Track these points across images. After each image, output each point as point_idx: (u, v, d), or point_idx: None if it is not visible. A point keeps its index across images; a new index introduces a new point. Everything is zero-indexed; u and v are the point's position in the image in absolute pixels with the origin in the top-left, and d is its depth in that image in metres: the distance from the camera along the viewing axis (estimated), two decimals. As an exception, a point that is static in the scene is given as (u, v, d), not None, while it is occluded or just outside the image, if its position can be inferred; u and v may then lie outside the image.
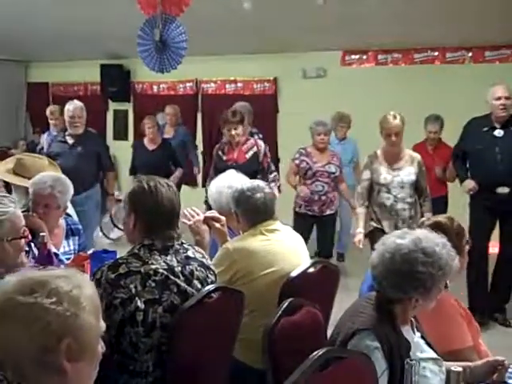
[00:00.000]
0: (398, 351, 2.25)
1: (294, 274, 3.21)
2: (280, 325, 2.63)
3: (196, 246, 3.00)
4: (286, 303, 2.72)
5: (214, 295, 2.77)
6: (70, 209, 4.37)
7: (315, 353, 2.07)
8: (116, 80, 10.68)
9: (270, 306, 3.05)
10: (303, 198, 6.27)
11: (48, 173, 4.05)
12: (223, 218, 3.53)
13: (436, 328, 2.60)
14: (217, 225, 3.49)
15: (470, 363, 2.52)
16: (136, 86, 10.88)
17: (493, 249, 5.61)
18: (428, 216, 4.30)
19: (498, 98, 5.26)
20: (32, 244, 3.55)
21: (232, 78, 9.89)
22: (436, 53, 8.32)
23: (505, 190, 5.28)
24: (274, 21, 7.88)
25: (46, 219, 3.73)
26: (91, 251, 3.76)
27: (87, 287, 1.54)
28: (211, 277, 2.85)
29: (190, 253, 2.80)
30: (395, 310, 2.36)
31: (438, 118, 6.80)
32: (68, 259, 3.78)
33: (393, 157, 5.17)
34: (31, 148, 9.30)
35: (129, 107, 10.99)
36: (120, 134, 11.07)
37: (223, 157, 6.00)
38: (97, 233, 6.38)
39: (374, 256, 2.40)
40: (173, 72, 6.19)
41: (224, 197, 3.76)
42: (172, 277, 2.64)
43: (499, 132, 5.34)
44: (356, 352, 2.21)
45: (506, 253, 5.50)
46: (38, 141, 8.76)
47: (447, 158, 6.31)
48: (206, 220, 3.47)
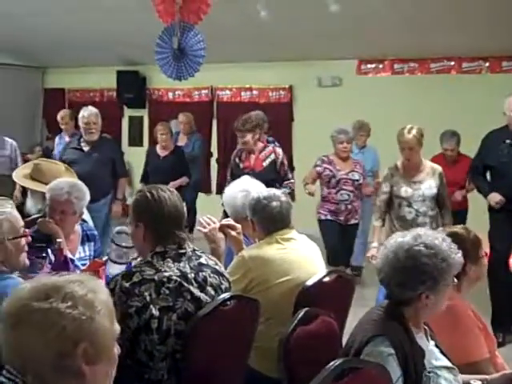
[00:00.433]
0: (413, 358, 2.25)
1: (310, 283, 3.21)
2: (296, 334, 2.63)
3: (209, 254, 3.01)
4: (302, 312, 2.71)
5: (230, 303, 2.77)
6: (86, 214, 4.39)
7: (332, 363, 2.06)
8: (132, 86, 10.74)
9: (285, 315, 3.06)
10: (326, 208, 6.21)
11: (65, 179, 4.07)
12: (239, 226, 3.53)
13: (452, 339, 2.59)
14: (233, 233, 3.49)
15: (487, 376, 2.50)
16: (152, 93, 10.92)
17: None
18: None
19: None
20: (49, 250, 3.57)
21: (247, 86, 9.91)
22: (452, 62, 8.29)
23: None
24: (290, 29, 7.89)
25: (63, 225, 3.75)
26: (106, 257, 3.77)
27: (101, 291, 1.55)
28: (225, 283, 2.85)
29: (203, 259, 2.81)
30: (406, 313, 2.36)
31: (455, 135, 6.54)
32: (83, 265, 3.80)
33: (412, 169, 5.09)
34: (47, 154, 9.36)
35: (144, 113, 11.04)
36: (135, 141, 11.12)
37: (240, 164, 6.01)
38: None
39: (379, 260, 2.43)
40: (188, 79, 6.19)
41: (239, 201, 3.76)
42: (185, 284, 2.64)
43: None
44: (372, 362, 2.20)
45: None
46: (53, 146, 8.84)
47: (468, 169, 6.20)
48: (222, 228, 3.46)
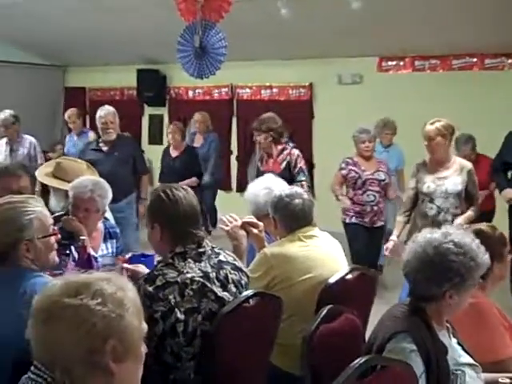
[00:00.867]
0: (435, 355, 2.24)
1: (332, 281, 3.20)
2: (319, 332, 2.62)
3: (231, 251, 3.01)
4: (325, 310, 2.71)
5: (252, 301, 2.78)
6: (108, 212, 4.42)
7: (356, 361, 2.06)
8: (152, 85, 10.77)
9: (308, 312, 3.06)
10: (351, 210, 6.13)
11: (88, 177, 4.09)
12: (261, 224, 3.53)
13: (477, 337, 2.57)
14: (254, 230, 3.49)
15: None
16: (172, 91, 10.95)
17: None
18: None
19: None
20: (72, 247, 3.59)
21: (267, 84, 9.89)
22: (475, 59, 8.19)
23: None
24: (311, 26, 7.87)
25: (86, 222, 3.77)
26: (130, 255, 3.78)
27: (130, 290, 1.56)
28: (244, 278, 2.86)
29: (222, 257, 2.81)
30: (429, 310, 2.35)
31: (470, 139, 6.48)
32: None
33: (437, 165, 4.99)
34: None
35: (164, 112, 11.06)
36: (155, 139, 11.16)
37: (261, 167, 6.08)
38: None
39: (406, 253, 2.42)
40: (208, 78, 6.21)
41: (261, 199, 3.75)
42: (208, 284, 2.64)
43: None
44: (396, 360, 2.19)
45: None
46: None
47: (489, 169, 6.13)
48: (244, 225, 3.47)
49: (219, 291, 2.67)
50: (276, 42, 8.64)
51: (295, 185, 5.71)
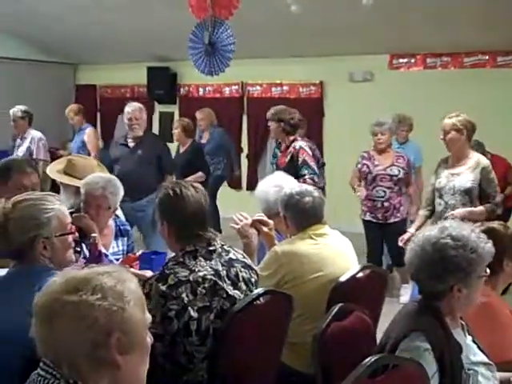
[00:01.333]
0: (449, 354, 2.22)
1: (343, 279, 3.20)
2: (330, 330, 2.61)
3: (241, 249, 3.01)
4: (336, 308, 2.70)
5: (263, 299, 2.77)
6: (118, 210, 4.42)
7: (367, 359, 2.05)
8: (162, 82, 10.78)
9: (318, 311, 3.05)
10: (365, 205, 6.10)
11: (100, 174, 4.08)
12: (271, 222, 3.52)
13: (489, 337, 2.55)
14: (265, 229, 3.48)
15: None
16: (182, 89, 10.96)
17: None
18: None
19: None
20: (83, 244, 3.60)
21: (278, 81, 9.88)
22: (486, 57, 8.15)
23: None
24: (321, 24, 7.85)
25: (97, 219, 3.77)
26: (140, 252, 3.79)
27: (130, 281, 1.56)
28: (254, 276, 2.86)
29: (232, 254, 2.81)
30: (441, 308, 2.33)
31: (479, 145, 6.25)
32: (117, 260, 3.82)
33: (455, 161, 4.87)
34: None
35: (175, 109, 11.07)
36: (165, 136, 11.11)
37: (275, 161, 6.20)
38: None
39: (407, 255, 2.40)
40: (219, 75, 6.20)
41: (272, 197, 3.75)
42: (220, 282, 2.65)
43: None
44: (408, 359, 2.18)
45: None
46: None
47: (504, 171, 6.06)
48: (254, 223, 3.46)
49: (230, 289, 2.67)
50: (286, 40, 8.62)
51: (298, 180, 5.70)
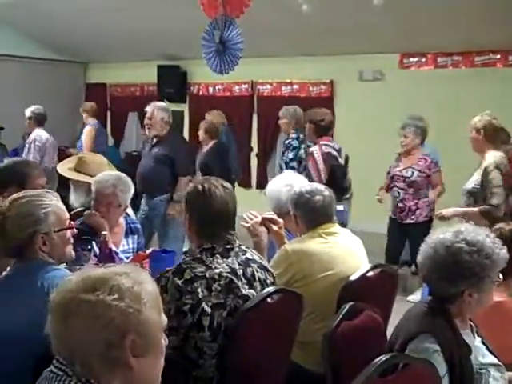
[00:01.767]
0: (459, 355, 2.22)
1: (354, 278, 3.19)
2: (340, 329, 2.60)
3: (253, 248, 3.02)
4: (347, 307, 2.69)
5: (274, 297, 2.77)
6: (128, 209, 4.43)
7: (378, 358, 2.04)
8: (172, 81, 10.80)
9: (328, 309, 3.05)
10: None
11: (110, 172, 4.09)
12: (281, 221, 3.52)
13: (500, 337, 2.54)
14: (274, 227, 3.48)
15: None
16: (192, 88, 10.97)
17: None
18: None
19: None
20: (93, 242, 3.61)
21: (288, 80, 9.87)
22: (498, 55, 8.11)
23: None
24: (332, 23, 7.84)
25: (108, 217, 3.79)
26: (150, 250, 3.79)
27: (148, 283, 1.55)
28: (270, 278, 2.86)
29: (249, 254, 2.82)
30: (451, 310, 2.32)
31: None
32: (127, 257, 3.83)
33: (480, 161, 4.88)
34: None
35: (185, 108, 11.08)
36: (175, 135, 11.19)
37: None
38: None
39: (420, 257, 2.38)
40: (229, 73, 6.21)
41: (283, 195, 3.74)
42: (235, 280, 2.65)
43: None
44: (418, 358, 2.18)
45: None
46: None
47: None
48: (264, 222, 3.46)
49: (245, 288, 2.68)
50: (296, 39, 8.61)
51: None
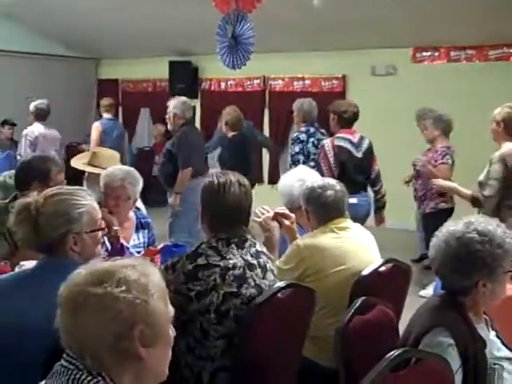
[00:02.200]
0: (473, 349, 2.20)
1: (366, 273, 3.17)
2: (352, 323, 2.59)
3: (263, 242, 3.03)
4: (359, 302, 2.68)
5: (286, 292, 2.77)
6: (139, 202, 4.43)
7: (390, 353, 2.03)
8: (184, 77, 10.78)
9: (340, 304, 3.05)
10: None
11: (119, 166, 4.10)
12: (293, 216, 3.51)
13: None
14: (286, 222, 3.47)
15: None
16: (204, 83, 10.97)
17: None
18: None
19: None
20: (105, 237, 3.61)
21: (300, 75, 9.84)
22: (511, 49, 8.06)
23: None
24: (344, 17, 7.82)
25: (117, 211, 3.77)
26: (162, 245, 3.79)
27: (154, 274, 1.56)
28: (275, 268, 2.91)
29: (258, 246, 2.85)
30: (465, 303, 2.30)
31: None
32: (138, 252, 3.82)
33: None
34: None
35: (196, 104, 11.06)
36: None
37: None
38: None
39: (431, 250, 2.37)
40: (241, 69, 6.20)
41: (296, 190, 3.73)
42: (249, 271, 2.68)
43: None
44: (432, 353, 2.16)
45: None
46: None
47: None
48: (276, 217, 3.45)
49: (260, 277, 2.71)
50: (308, 34, 8.59)
51: None
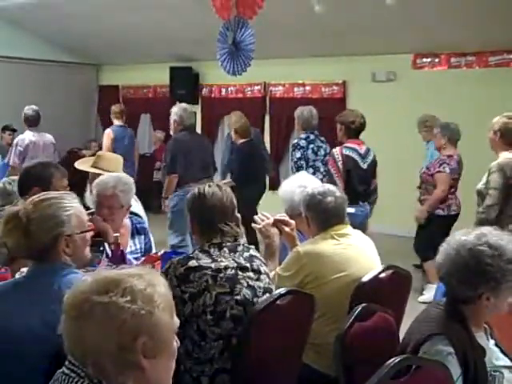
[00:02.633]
0: (473, 358, 2.20)
1: (366, 279, 3.17)
2: (353, 330, 2.59)
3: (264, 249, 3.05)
4: (359, 308, 2.68)
5: (286, 299, 2.78)
6: (138, 207, 4.43)
7: (390, 360, 2.03)
8: (185, 83, 10.79)
9: (340, 311, 3.04)
10: None
11: (111, 174, 4.08)
12: (293, 222, 3.52)
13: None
14: (286, 229, 3.48)
15: None
16: (204, 89, 10.97)
17: None
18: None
19: None
20: (105, 244, 3.61)
21: (300, 82, 9.85)
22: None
23: None
24: (344, 23, 7.82)
25: (111, 219, 3.73)
26: (162, 252, 3.79)
27: (160, 285, 1.55)
28: (270, 273, 2.96)
29: (252, 251, 2.88)
30: (466, 312, 2.30)
31: None
32: (135, 258, 3.81)
33: None
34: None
35: (197, 110, 11.07)
36: (187, 137, 11.18)
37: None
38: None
39: (439, 256, 2.36)
40: (242, 75, 6.22)
41: (297, 197, 3.73)
42: (241, 272, 2.72)
43: None
44: (432, 360, 2.16)
45: None
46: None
47: None
48: (276, 223, 3.46)
49: (252, 279, 2.74)
50: (309, 40, 8.60)
51: None
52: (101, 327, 1.45)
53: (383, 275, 3.30)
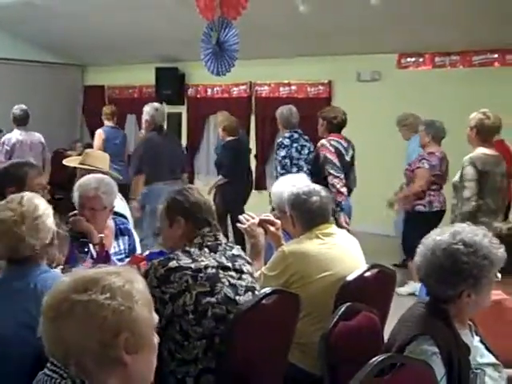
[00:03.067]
0: (457, 356, 2.20)
1: (351, 278, 3.18)
2: (337, 329, 2.60)
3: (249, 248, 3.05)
4: (344, 308, 2.68)
5: (271, 298, 2.78)
6: (123, 208, 4.42)
7: (374, 359, 2.04)
8: (170, 83, 10.79)
9: (325, 310, 3.04)
10: None
11: (93, 175, 4.06)
12: (278, 222, 3.53)
13: (498, 337, 2.52)
14: (272, 228, 3.49)
15: None
16: (190, 89, 10.97)
17: None
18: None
19: None
20: (90, 245, 3.60)
21: (286, 81, 9.86)
22: (496, 55, 8.09)
23: None
24: (329, 23, 7.84)
25: (94, 221, 3.72)
26: (147, 252, 3.78)
27: (138, 281, 1.57)
28: (254, 272, 2.95)
29: (235, 251, 2.88)
30: (449, 311, 2.30)
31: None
32: (119, 259, 3.80)
33: None
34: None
35: (183, 110, 11.07)
36: (173, 137, 11.18)
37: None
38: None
39: (417, 258, 2.36)
40: (227, 75, 6.22)
41: (285, 195, 3.74)
42: (222, 271, 2.72)
43: None
44: (415, 359, 2.17)
45: None
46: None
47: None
48: (261, 223, 3.47)
49: (234, 278, 2.74)
50: (294, 39, 8.61)
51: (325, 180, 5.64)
52: (81, 326, 1.45)
53: (368, 274, 3.31)
